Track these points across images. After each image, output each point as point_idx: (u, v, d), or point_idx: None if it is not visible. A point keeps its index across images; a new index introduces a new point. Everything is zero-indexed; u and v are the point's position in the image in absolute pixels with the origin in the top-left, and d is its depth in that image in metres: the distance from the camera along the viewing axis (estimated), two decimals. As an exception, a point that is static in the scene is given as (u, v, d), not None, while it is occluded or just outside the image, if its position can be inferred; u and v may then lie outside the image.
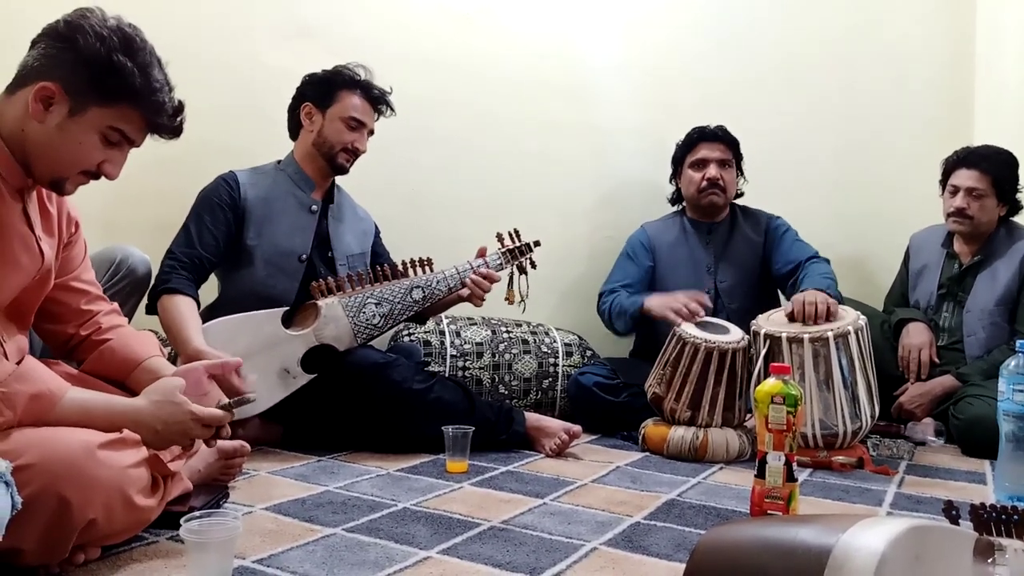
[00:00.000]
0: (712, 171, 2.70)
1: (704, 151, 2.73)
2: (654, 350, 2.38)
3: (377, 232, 2.45)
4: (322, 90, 2.21)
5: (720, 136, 2.75)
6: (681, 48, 3.18)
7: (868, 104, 3.25)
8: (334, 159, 2.21)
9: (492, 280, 2.26)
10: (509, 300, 2.32)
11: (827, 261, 2.62)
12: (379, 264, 2.27)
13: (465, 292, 2.26)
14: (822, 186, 3.22)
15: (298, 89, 2.26)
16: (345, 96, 2.20)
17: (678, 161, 2.83)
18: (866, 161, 3.25)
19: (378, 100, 2.26)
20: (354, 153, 2.22)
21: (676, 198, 2.89)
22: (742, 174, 2.82)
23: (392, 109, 2.30)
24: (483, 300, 2.26)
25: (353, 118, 2.20)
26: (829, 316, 2.20)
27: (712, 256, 2.73)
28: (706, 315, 2.37)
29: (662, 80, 3.14)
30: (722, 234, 2.77)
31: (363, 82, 2.23)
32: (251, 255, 2.14)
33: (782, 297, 2.74)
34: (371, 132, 2.28)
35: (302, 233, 2.20)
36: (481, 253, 2.31)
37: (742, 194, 2.84)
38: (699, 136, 2.76)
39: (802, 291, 2.32)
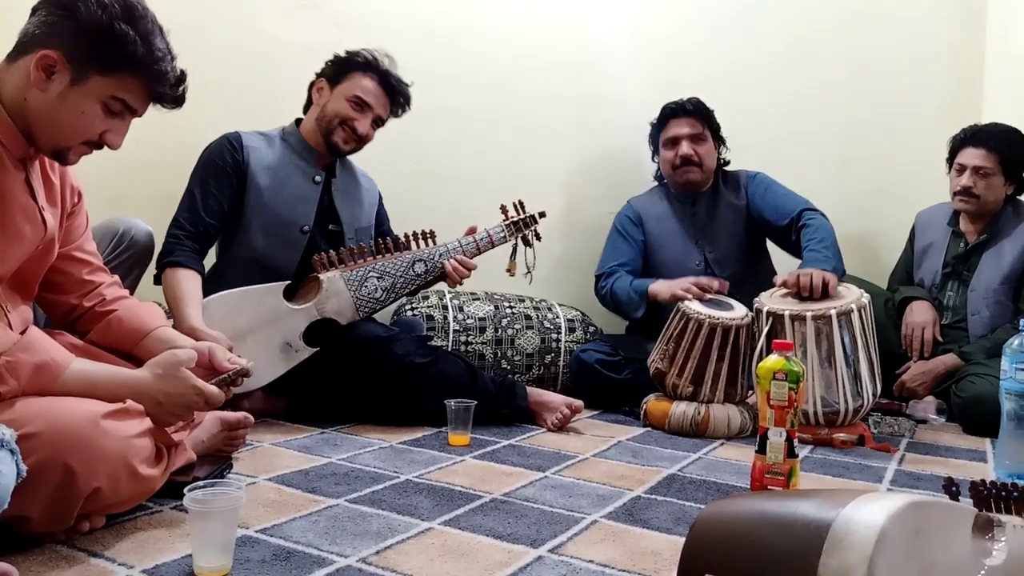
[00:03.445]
0: (684, 148, 2.65)
1: (674, 129, 2.68)
2: (656, 325, 2.38)
3: (380, 200, 2.44)
4: (337, 68, 2.19)
5: (689, 110, 2.68)
6: (689, 23, 3.14)
7: (876, 81, 3.22)
8: (331, 135, 2.16)
9: (469, 268, 2.22)
10: (510, 272, 2.32)
11: (822, 215, 2.57)
12: (381, 237, 2.26)
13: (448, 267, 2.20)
14: (829, 163, 3.20)
15: (320, 68, 2.23)
16: (357, 76, 2.17)
17: (654, 140, 2.80)
18: (873, 138, 3.23)
19: (392, 89, 2.20)
20: (352, 131, 2.17)
21: (660, 175, 2.87)
22: (723, 142, 2.76)
23: (408, 105, 2.25)
24: (460, 284, 2.23)
25: (358, 97, 2.16)
26: (827, 292, 2.19)
27: (698, 227, 2.71)
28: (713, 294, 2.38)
29: (669, 55, 3.11)
30: (706, 205, 2.73)
31: (379, 67, 2.18)
32: (250, 224, 2.13)
33: (777, 263, 2.72)
34: (379, 121, 2.22)
35: (305, 204, 2.18)
36: (471, 231, 2.28)
37: (727, 162, 2.79)
38: (669, 113, 2.71)
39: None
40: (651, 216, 2.77)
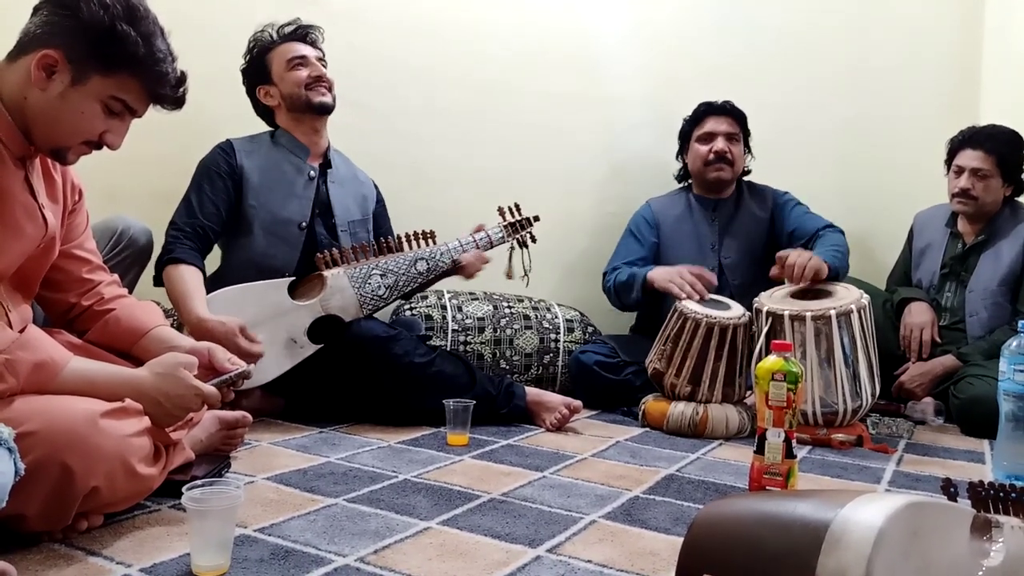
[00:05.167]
0: (719, 144, 2.69)
1: (711, 124, 2.72)
2: (655, 326, 2.38)
3: (380, 200, 2.44)
4: (257, 69, 2.24)
5: (728, 110, 2.73)
6: (688, 21, 3.14)
7: (875, 80, 3.22)
8: (309, 101, 2.20)
9: (484, 260, 2.29)
10: (508, 275, 2.33)
11: (841, 232, 2.61)
12: (382, 236, 2.27)
13: (466, 258, 2.26)
14: (828, 162, 3.21)
15: (244, 87, 2.28)
16: (272, 55, 2.22)
17: (685, 136, 2.81)
18: (872, 138, 3.23)
19: (298, 35, 2.25)
20: (319, 81, 2.21)
21: (682, 175, 2.88)
22: (749, 150, 2.81)
23: (315, 29, 2.28)
24: (474, 276, 2.29)
25: (292, 59, 2.20)
26: (816, 277, 2.23)
27: (717, 233, 2.73)
28: (710, 291, 2.38)
29: (669, 53, 3.11)
30: (727, 210, 2.76)
31: (275, 35, 2.24)
32: (251, 224, 2.14)
33: None
34: (324, 61, 2.26)
35: (300, 201, 2.19)
36: (478, 229, 2.32)
37: (749, 171, 2.83)
38: (706, 110, 2.75)
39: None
40: (669, 218, 2.78)
